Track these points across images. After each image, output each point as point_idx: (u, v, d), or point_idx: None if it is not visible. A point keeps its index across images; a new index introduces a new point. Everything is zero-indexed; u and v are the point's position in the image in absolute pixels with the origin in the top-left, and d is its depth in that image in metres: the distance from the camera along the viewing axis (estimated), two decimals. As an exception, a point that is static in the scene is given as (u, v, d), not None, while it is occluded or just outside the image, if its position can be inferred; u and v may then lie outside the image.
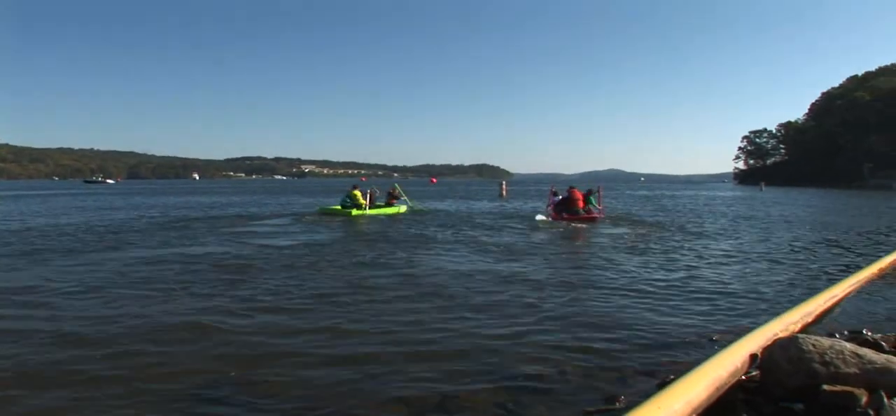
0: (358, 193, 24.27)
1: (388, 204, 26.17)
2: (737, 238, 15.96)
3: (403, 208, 26.62)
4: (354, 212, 23.24)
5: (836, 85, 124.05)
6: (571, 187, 22.87)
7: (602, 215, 22.22)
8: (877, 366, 3.98)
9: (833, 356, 4.05)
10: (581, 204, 21.66)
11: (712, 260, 11.67)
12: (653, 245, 14.16)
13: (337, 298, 7.88)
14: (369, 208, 24.12)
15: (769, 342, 4.41)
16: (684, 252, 12.87)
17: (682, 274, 9.97)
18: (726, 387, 3.80)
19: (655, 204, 35.65)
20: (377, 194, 25.99)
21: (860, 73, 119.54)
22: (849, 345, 4.23)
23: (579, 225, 19.57)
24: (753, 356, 4.19)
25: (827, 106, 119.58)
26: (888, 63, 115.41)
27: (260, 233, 16.97)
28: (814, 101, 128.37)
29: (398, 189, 28.16)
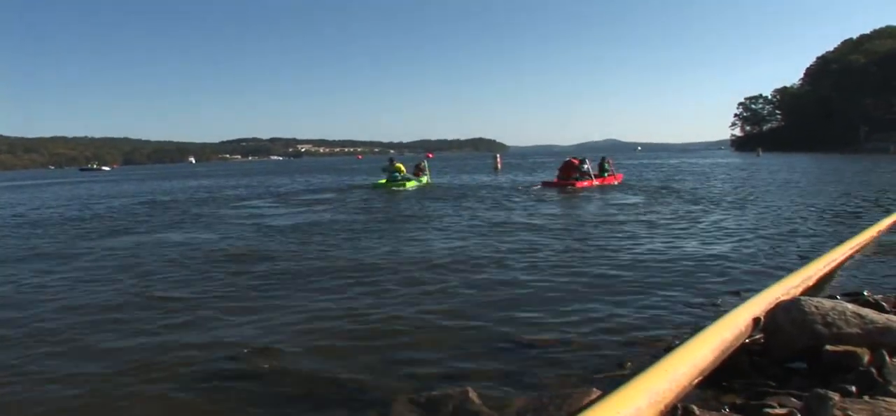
0: (401, 165, 27.27)
1: (416, 176, 28.65)
2: (738, 206, 16.02)
3: (424, 180, 28.93)
4: (409, 184, 26.18)
5: (831, 49, 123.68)
6: (569, 158, 25.09)
7: (619, 180, 25.72)
8: (878, 325, 4.05)
9: (835, 316, 4.12)
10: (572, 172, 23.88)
11: (711, 228, 11.72)
12: (657, 212, 14.27)
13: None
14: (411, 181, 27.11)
15: (771, 306, 4.48)
16: (685, 219, 12.94)
17: (682, 242, 10.04)
18: (731, 350, 3.86)
19: (656, 172, 35.73)
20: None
21: (855, 36, 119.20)
22: (850, 306, 4.31)
23: (580, 192, 20.97)
24: (756, 320, 4.25)
25: (822, 70, 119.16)
26: (882, 25, 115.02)
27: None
28: (809, 65, 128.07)
29: (425, 164, 31.38)
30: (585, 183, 23.24)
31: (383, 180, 26.44)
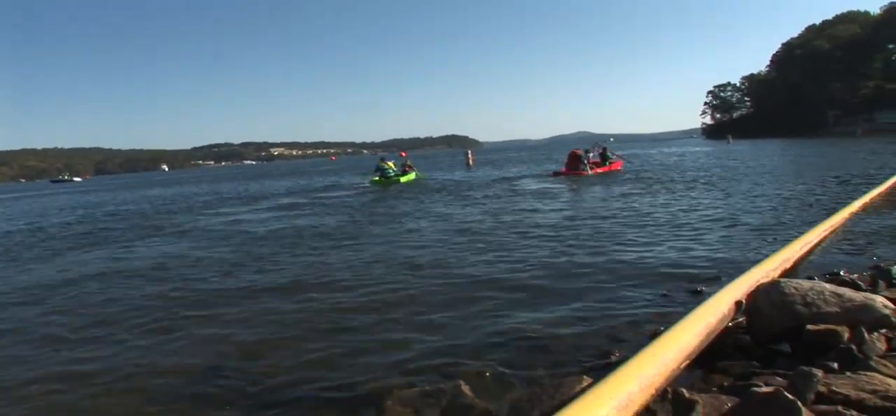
0: (390, 164, 29.91)
1: (404, 173, 30.59)
2: (714, 192, 16.23)
3: (412, 176, 31.03)
4: (402, 179, 28.95)
5: (795, 35, 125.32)
6: (573, 150, 27.60)
7: (619, 167, 28.12)
8: (856, 303, 4.17)
9: (814, 296, 4.23)
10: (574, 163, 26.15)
11: (692, 214, 11.88)
12: (635, 200, 14.44)
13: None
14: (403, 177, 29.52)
15: (752, 289, 4.58)
16: (661, 206, 13.11)
17: (664, 230, 10.18)
18: (715, 333, 3.95)
19: (638, 161, 36.04)
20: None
21: (818, 22, 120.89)
22: (828, 286, 4.42)
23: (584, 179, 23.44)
24: (738, 303, 4.35)
25: (788, 56, 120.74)
26: (844, 10, 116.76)
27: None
28: (775, 52, 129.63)
29: (411, 163, 33.17)
30: (592, 171, 25.78)
31: (377, 178, 28.85)
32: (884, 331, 3.99)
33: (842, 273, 5.93)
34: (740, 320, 4.43)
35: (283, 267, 8.97)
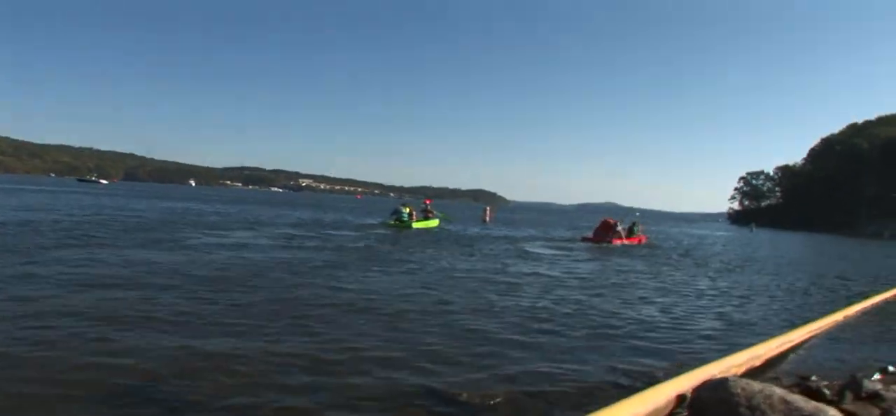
0: (408, 208, 30.04)
1: (426, 218, 31.72)
2: (721, 276, 15.87)
3: (433, 223, 31.72)
4: (417, 224, 29.29)
5: (836, 131, 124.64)
6: (605, 219, 28.50)
7: (640, 241, 28.51)
8: (803, 413, 3.89)
9: (761, 400, 3.95)
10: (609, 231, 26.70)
11: (679, 297, 11.57)
12: (637, 276, 14.12)
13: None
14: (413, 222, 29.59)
15: (702, 383, 4.32)
16: (659, 285, 12.79)
17: (647, 306, 9.89)
18: (644, 426, 3.70)
19: (662, 239, 35.71)
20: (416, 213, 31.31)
21: (860, 121, 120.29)
22: (779, 391, 4.14)
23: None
24: (681, 397, 4.09)
25: (825, 151, 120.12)
26: (887, 113, 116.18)
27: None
28: (813, 146, 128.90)
29: (432, 208, 33.91)
30: (618, 240, 26.32)
31: (392, 221, 29.37)
32: (832, 447, 3.72)
33: (813, 378, 5.60)
34: (683, 414, 4.17)
35: (240, 295, 8.75)
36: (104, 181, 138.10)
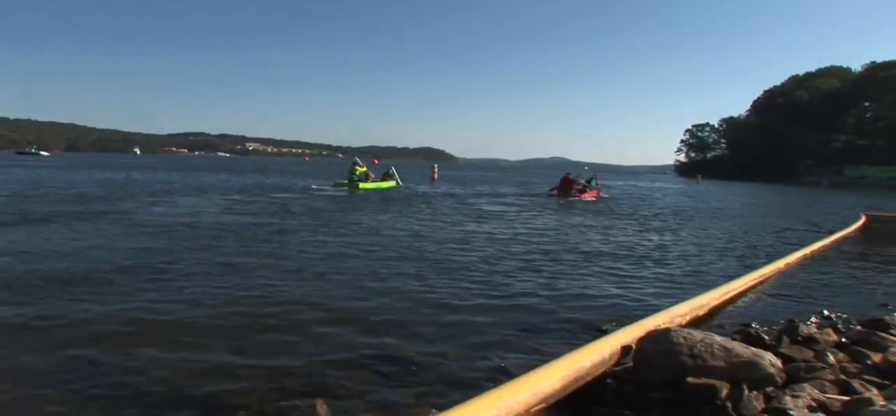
0: (361, 168, 29.82)
1: (385, 179, 31.97)
2: (670, 229, 16.20)
3: (389, 184, 31.63)
4: (365, 185, 28.53)
5: (778, 83, 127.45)
6: (567, 175, 29.59)
7: (596, 196, 28.94)
8: (742, 360, 4.03)
9: (702, 349, 4.09)
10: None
11: (626, 251, 11.76)
12: (588, 232, 14.32)
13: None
14: (369, 182, 29.54)
15: (646, 334, 4.44)
16: (610, 239, 12.99)
17: (597, 260, 10.04)
18: (588, 378, 3.79)
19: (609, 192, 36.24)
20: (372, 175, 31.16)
21: (801, 73, 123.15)
22: (719, 339, 4.28)
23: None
24: (626, 348, 4.21)
25: (769, 103, 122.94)
26: (827, 65, 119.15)
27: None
28: (756, 98, 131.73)
29: (393, 170, 34.23)
30: (584, 195, 27.89)
31: (345, 182, 29.03)
32: (769, 389, 3.87)
33: (753, 326, 5.80)
34: (628, 364, 4.29)
35: (171, 263, 8.62)
36: (45, 153, 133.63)
